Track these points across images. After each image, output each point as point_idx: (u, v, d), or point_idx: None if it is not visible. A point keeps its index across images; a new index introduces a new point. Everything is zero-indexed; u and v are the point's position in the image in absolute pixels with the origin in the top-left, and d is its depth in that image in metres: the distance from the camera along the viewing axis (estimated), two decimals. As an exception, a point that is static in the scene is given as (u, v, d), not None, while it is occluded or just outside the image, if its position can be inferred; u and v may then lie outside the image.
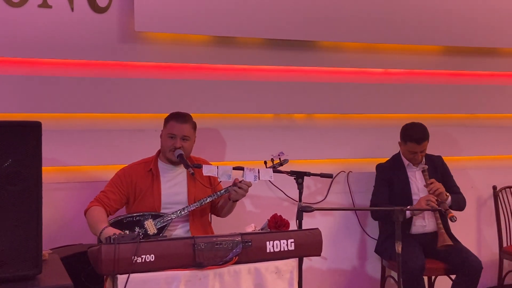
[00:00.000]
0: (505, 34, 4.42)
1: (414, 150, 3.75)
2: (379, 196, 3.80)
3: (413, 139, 3.72)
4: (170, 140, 3.16)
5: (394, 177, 3.82)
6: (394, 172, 3.84)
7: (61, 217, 3.46)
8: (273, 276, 2.62)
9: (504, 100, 4.52)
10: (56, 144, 3.42)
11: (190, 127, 3.21)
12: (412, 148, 3.74)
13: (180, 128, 3.16)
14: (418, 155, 3.78)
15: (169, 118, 3.22)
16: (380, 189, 3.84)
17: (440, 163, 3.95)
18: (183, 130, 3.17)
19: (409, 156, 3.81)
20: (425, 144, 3.76)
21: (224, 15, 3.75)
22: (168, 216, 3.07)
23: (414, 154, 3.77)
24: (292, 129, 4.03)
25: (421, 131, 3.74)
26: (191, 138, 3.21)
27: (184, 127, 3.18)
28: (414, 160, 3.81)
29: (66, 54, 3.49)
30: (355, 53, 4.16)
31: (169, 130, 3.18)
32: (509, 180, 4.44)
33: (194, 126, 3.26)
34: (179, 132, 3.16)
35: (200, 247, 2.51)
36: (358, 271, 4.19)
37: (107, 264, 2.38)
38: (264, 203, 3.91)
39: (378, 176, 3.91)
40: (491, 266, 4.33)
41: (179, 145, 3.14)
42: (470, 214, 4.42)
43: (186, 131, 3.17)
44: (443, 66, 4.41)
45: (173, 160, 3.18)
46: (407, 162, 3.86)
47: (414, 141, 3.72)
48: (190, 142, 3.21)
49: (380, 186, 3.85)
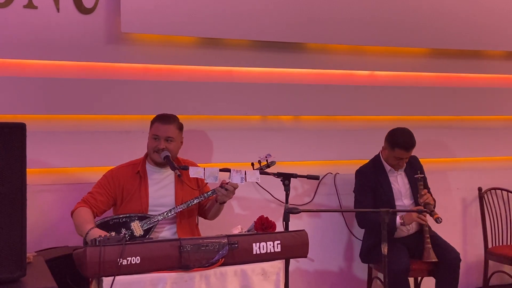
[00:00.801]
0: (490, 37, 4.46)
1: (400, 157, 3.71)
2: (364, 204, 3.72)
3: (403, 146, 3.66)
4: (154, 141, 3.15)
5: (376, 183, 3.77)
6: (376, 177, 3.78)
7: (47, 219, 3.44)
8: (259, 278, 2.61)
9: (490, 102, 4.55)
10: (42, 145, 3.40)
11: (174, 128, 3.19)
12: (399, 154, 3.69)
13: (164, 129, 3.15)
14: (403, 162, 3.77)
15: (154, 120, 3.22)
16: (363, 196, 3.77)
17: (418, 163, 3.94)
18: (167, 131, 3.16)
19: (394, 162, 3.76)
20: (411, 152, 3.73)
21: (210, 16, 3.74)
22: (154, 217, 3.06)
23: (400, 161, 3.74)
24: (279, 130, 4.04)
25: (410, 138, 3.67)
26: (175, 139, 3.19)
27: (168, 128, 3.16)
28: (398, 166, 3.78)
29: (51, 55, 3.47)
30: (342, 55, 4.17)
31: (153, 132, 3.17)
32: (494, 181, 4.47)
33: (179, 127, 3.24)
34: (162, 133, 3.15)
35: (186, 249, 2.50)
36: (344, 272, 4.20)
37: (92, 266, 2.36)
38: (251, 205, 3.91)
39: (359, 183, 3.84)
40: (477, 267, 4.36)
41: (162, 146, 3.13)
42: (455, 215, 4.45)
43: (170, 132, 3.16)
44: (429, 68, 4.44)
45: (157, 161, 3.17)
46: (388, 168, 3.81)
47: (404, 148, 3.66)
48: (175, 143, 3.19)
49: (363, 194, 3.78)
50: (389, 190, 3.77)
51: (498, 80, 4.62)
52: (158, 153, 3.13)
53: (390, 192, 3.76)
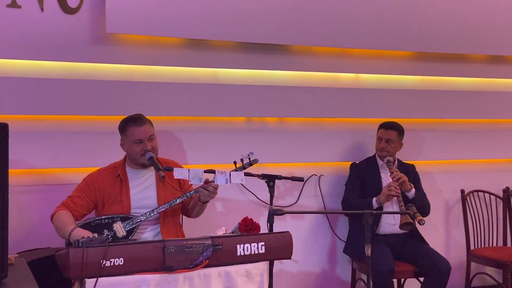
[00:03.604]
0: (474, 41, 4.50)
1: (380, 136, 3.93)
2: (351, 192, 3.91)
3: (383, 125, 3.98)
4: (138, 146, 3.11)
5: (367, 175, 3.93)
6: (368, 170, 3.96)
7: (29, 220, 3.41)
8: (243, 279, 2.61)
9: (473, 105, 4.59)
10: (25, 146, 3.37)
11: (149, 125, 3.17)
12: (380, 133, 3.95)
13: (143, 131, 3.12)
14: (383, 141, 3.90)
15: (126, 125, 3.15)
16: (352, 186, 3.95)
17: (413, 171, 4.04)
18: (147, 131, 3.13)
19: (377, 145, 3.97)
20: (391, 133, 3.91)
21: (196, 18, 3.74)
22: (137, 218, 3.04)
23: (380, 142, 3.92)
24: (264, 132, 4.04)
25: (393, 122, 3.99)
26: (155, 135, 3.18)
27: (147, 128, 3.14)
28: (383, 152, 3.90)
29: (35, 55, 3.44)
30: (327, 57, 4.18)
31: (133, 137, 3.11)
32: (476, 184, 4.52)
33: (151, 123, 3.21)
34: (144, 135, 3.11)
35: (170, 250, 2.49)
36: (328, 274, 4.21)
37: (75, 268, 2.34)
38: (236, 206, 3.91)
39: (351, 173, 4.01)
40: (459, 268, 4.40)
41: (149, 147, 3.11)
42: (438, 217, 4.49)
43: (149, 131, 3.14)
44: (413, 71, 4.47)
45: (146, 164, 3.15)
46: (381, 163, 3.95)
47: (383, 126, 3.96)
48: (156, 139, 3.18)
49: (352, 183, 3.96)
50: (378, 183, 3.88)
51: (481, 84, 4.67)
52: (145, 156, 3.11)
53: (379, 185, 3.86)
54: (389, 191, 3.65)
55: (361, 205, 3.70)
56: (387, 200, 3.69)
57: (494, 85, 4.71)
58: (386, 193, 3.67)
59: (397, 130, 3.94)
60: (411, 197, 3.77)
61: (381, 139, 3.93)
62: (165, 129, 3.75)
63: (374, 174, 3.94)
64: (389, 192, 3.65)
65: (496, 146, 4.69)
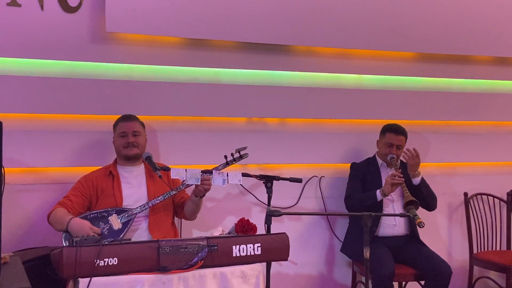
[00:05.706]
0: (478, 42, 4.46)
1: (391, 142, 3.83)
2: (354, 188, 3.87)
3: (392, 130, 3.86)
4: (122, 139, 3.26)
5: (367, 175, 3.89)
6: (368, 170, 3.92)
7: (28, 219, 3.39)
8: (238, 281, 2.60)
9: (476, 107, 4.55)
10: (23, 144, 3.36)
11: (138, 124, 3.33)
12: (389, 139, 3.84)
13: (129, 126, 3.28)
14: (394, 148, 3.82)
15: (117, 122, 3.35)
16: (354, 182, 3.91)
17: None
18: (133, 126, 3.29)
19: (386, 151, 3.85)
20: (402, 139, 3.85)
21: (197, 17, 3.72)
22: (132, 210, 3.11)
23: (391, 148, 3.83)
24: (264, 133, 4.02)
25: (400, 126, 3.90)
26: (141, 133, 3.32)
27: (133, 124, 3.30)
28: (391, 160, 3.82)
29: (34, 53, 3.43)
30: (329, 58, 4.15)
31: (119, 130, 3.29)
32: (480, 187, 4.48)
33: (142, 124, 3.38)
34: (128, 129, 3.27)
35: (165, 250, 2.49)
36: (327, 276, 4.18)
37: (69, 267, 2.35)
38: (236, 207, 3.89)
39: (352, 172, 3.98)
40: (462, 272, 4.36)
41: (132, 140, 3.25)
42: (441, 220, 4.45)
43: (135, 127, 3.29)
44: (417, 72, 4.43)
45: (129, 155, 3.25)
46: (381, 162, 3.92)
47: (394, 131, 3.85)
48: (142, 137, 3.32)
49: (353, 181, 3.91)
50: (378, 183, 3.82)
51: (485, 86, 4.62)
52: (128, 148, 3.24)
53: (379, 184, 3.79)
54: (393, 179, 3.58)
55: (365, 199, 3.69)
56: (391, 190, 3.62)
57: (499, 87, 4.66)
58: (390, 181, 3.58)
59: (405, 135, 3.89)
60: (416, 183, 3.74)
61: (392, 145, 3.83)
62: (165, 129, 3.74)
63: (374, 174, 3.90)
64: (392, 181, 3.57)
65: (500, 149, 4.63)
